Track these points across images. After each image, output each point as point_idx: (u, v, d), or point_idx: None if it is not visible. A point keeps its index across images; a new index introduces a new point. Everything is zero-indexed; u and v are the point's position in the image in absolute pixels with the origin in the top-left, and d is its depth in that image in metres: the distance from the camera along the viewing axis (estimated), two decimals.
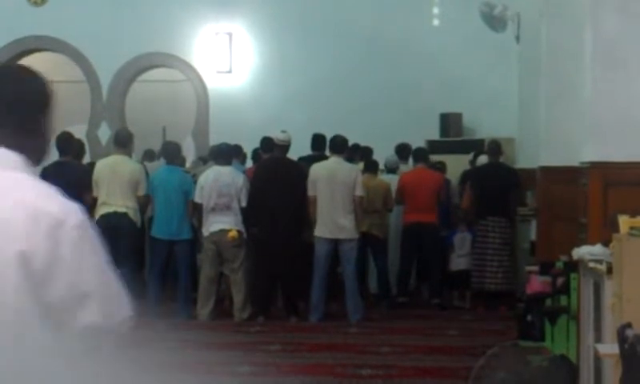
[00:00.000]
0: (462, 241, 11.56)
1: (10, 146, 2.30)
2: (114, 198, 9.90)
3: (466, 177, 12.05)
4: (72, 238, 2.17)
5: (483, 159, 11.78)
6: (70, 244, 2.16)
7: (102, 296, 2.21)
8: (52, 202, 2.21)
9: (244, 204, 10.18)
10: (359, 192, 10.06)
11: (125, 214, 9.85)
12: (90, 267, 2.20)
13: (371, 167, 11.38)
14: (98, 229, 2.32)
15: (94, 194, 9.90)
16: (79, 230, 2.20)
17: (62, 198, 2.25)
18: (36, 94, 2.46)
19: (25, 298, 2.08)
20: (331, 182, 10.02)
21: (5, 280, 2.06)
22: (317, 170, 10.12)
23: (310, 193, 10.06)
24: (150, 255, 10.87)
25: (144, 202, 10.16)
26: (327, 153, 10.71)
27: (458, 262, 11.41)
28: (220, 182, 10.17)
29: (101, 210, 9.85)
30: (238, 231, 10.15)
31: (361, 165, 11.53)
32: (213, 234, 10.16)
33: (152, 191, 10.27)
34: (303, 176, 10.22)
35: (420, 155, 11.62)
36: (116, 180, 9.95)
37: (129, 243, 9.70)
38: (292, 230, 10.06)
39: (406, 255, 11.16)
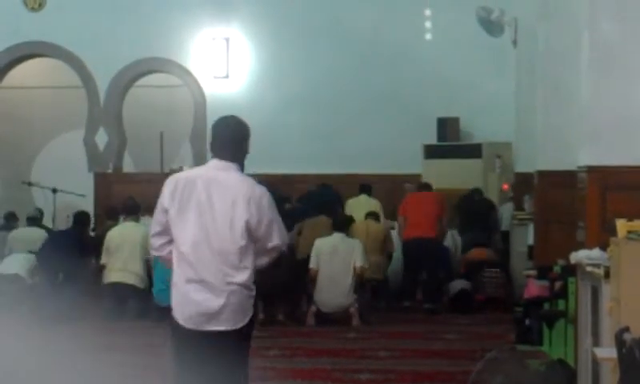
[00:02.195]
0: None
1: (232, 160, 4.58)
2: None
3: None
4: (266, 207, 4.51)
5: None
6: (265, 210, 4.50)
7: (279, 231, 4.58)
8: (255, 188, 4.53)
9: None
10: (359, 262, 10.24)
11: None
12: (274, 219, 4.55)
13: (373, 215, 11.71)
14: None
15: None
16: (269, 201, 4.54)
17: (258, 185, 4.56)
18: (243, 133, 4.70)
19: (246, 241, 4.46)
20: (333, 256, 10.26)
21: (237, 235, 4.43)
22: (320, 244, 10.38)
23: (312, 266, 10.29)
24: None
25: None
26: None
27: (456, 283, 11.39)
28: None
29: None
30: None
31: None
32: None
33: None
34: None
35: (424, 185, 12.06)
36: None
37: None
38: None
39: (408, 269, 11.26)
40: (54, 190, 14.85)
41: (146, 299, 10.26)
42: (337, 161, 14.44)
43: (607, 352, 4.54)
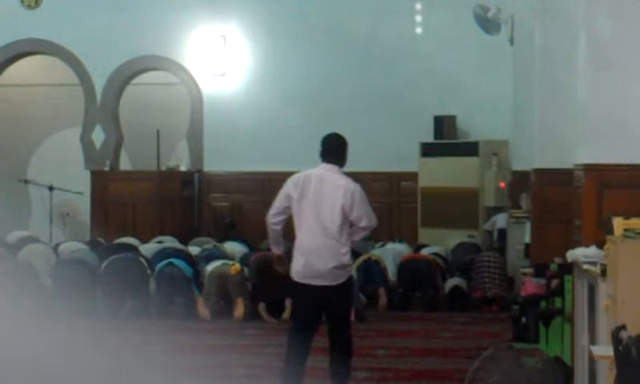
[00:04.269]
0: None
1: (336, 164, 6.60)
2: None
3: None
4: (357, 198, 6.44)
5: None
6: (357, 199, 6.44)
7: (367, 216, 6.49)
8: (350, 184, 6.50)
9: None
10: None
11: None
12: (364, 205, 6.48)
13: None
14: None
15: None
16: (360, 194, 6.49)
17: (353, 181, 6.53)
18: (344, 146, 6.70)
19: (341, 220, 6.42)
20: None
21: (335, 216, 6.40)
22: None
23: None
24: None
25: None
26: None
27: (450, 280, 11.36)
28: None
29: None
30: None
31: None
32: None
33: None
34: None
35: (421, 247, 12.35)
36: None
37: None
38: None
39: (404, 291, 11.23)
40: (51, 188, 14.85)
41: None
42: None
43: (604, 350, 4.54)
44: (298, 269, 6.51)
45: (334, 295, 6.49)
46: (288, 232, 6.70)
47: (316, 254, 6.43)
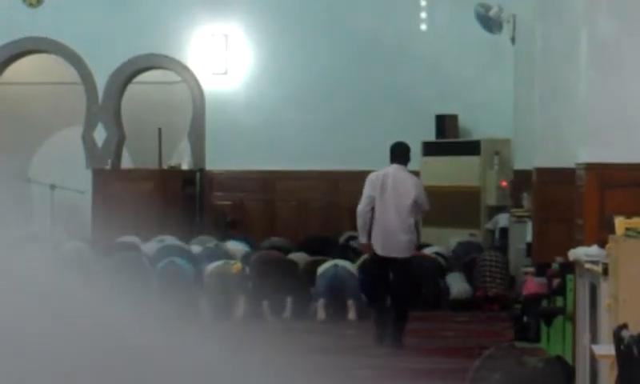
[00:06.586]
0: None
1: (404, 164, 8.91)
2: None
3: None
4: (422, 189, 8.97)
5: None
6: (421, 190, 8.91)
7: (426, 201, 8.95)
8: (416, 179, 9.11)
9: None
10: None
11: None
12: (424, 194, 8.93)
13: None
14: None
15: None
16: (421, 183, 9.25)
17: (416, 177, 9.34)
18: (408, 150, 9.06)
19: (413, 206, 8.73)
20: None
21: (410, 203, 8.68)
22: (323, 270, 10.90)
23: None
24: None
25: None
26: None
27: (456, 287, 11.32)
28: None
29: None
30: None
31: None
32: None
33: None
34: None
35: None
36: None
37: None
38: None
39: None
40: (53, 187, 14.85)
41: None
42: (335, 157, 14.43)
43: (605, 349, 4.54)
44: (380, 245, 8.52)
45: (403, 266, 8.54)
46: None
47: (394, 234, 8.50)
